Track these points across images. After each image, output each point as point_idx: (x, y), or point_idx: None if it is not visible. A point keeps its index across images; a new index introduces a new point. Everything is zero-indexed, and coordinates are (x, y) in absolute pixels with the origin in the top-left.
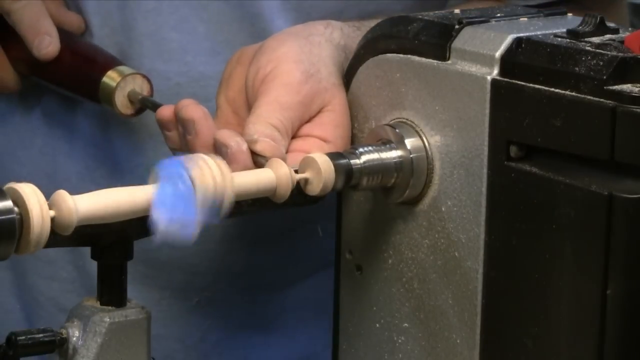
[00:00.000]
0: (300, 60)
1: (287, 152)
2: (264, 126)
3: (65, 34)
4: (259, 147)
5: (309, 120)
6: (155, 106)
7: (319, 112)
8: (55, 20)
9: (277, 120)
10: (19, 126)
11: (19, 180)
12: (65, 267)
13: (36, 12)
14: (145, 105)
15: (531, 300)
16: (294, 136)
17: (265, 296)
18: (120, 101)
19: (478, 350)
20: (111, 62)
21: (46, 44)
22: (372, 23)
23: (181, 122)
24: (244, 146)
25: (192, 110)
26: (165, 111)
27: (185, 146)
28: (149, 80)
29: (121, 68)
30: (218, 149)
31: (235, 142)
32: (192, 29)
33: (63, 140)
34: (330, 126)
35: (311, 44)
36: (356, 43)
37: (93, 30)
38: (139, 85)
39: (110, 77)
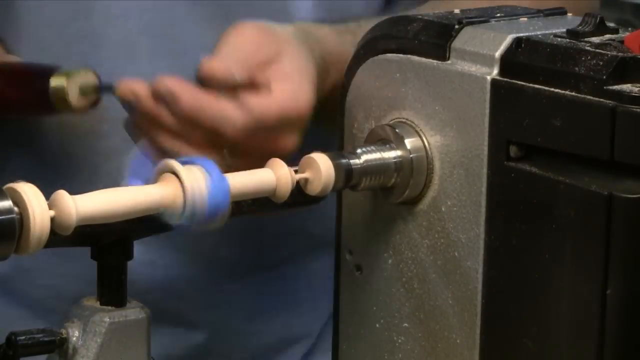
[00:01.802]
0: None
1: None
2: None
3: None
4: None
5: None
6: (110, 88)
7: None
8: None
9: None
10: None
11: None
12: None
13: None
14: (100, 92)
15: (531, 300)
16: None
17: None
18: (75, 98)
19: (478, 350)
20: (49, 69)
21: None
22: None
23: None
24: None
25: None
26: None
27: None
28: (94, 72)
29: (61, 70)
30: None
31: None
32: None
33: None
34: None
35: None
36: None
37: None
38: (86, 79)
39: (57, 80)
